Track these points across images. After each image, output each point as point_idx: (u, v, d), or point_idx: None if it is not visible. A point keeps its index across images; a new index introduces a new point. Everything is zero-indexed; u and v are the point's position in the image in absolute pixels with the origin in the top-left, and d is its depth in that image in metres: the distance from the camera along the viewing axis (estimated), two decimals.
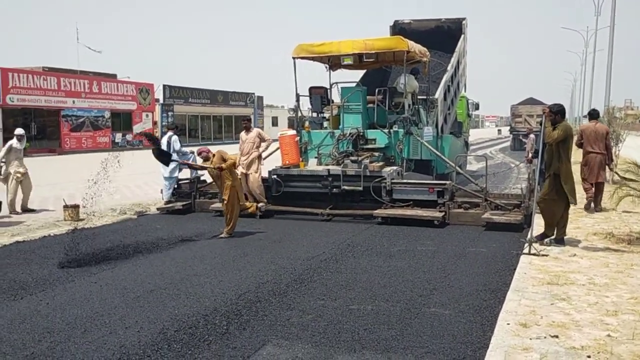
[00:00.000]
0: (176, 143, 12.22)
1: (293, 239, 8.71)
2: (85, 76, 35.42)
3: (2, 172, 11.13)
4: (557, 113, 7.68)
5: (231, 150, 10.06)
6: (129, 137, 37.75)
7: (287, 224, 9.99)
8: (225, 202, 8.92)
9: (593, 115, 11.34)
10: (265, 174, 11.13)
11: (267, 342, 4.53)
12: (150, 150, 9.59)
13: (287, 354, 4.29)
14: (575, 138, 9.48)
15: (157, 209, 11.50)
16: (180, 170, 12.31)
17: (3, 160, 11.14)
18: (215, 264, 7.09)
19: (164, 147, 11.72)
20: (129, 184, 15.60)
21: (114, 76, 38.44)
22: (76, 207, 10.42)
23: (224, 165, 8.82)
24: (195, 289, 5.95)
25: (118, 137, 37.40)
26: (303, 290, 5.91)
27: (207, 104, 46.43)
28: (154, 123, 40.46)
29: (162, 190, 12.06)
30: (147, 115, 39.63)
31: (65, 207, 10.39)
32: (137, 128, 38.21)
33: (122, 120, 37.12)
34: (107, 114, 36.32)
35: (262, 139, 11.11)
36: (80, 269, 6.87)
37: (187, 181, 12.22)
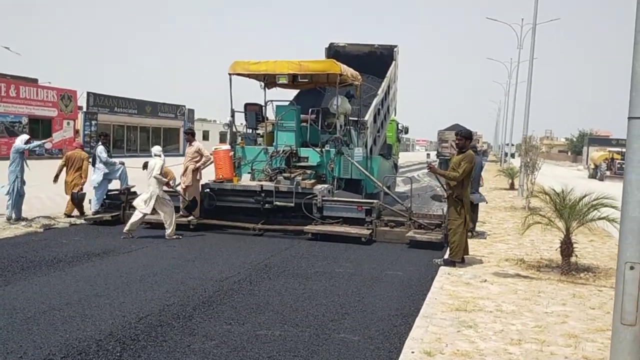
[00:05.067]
0: (102, 154, 11.89)
1: (208, 257, 8.41)
2: (2, 79, 33.50)
3: None
4: (465, 138, 8.19)
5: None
6: (47, 145, 35.93)
7: (205, 242, 9.70)
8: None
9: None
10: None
11: None
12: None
13: None
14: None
15: (85, 219, 11.31)
16: (110, 181, 12.07)
17: None
18: (119, 283, 6.68)
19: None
20: (39, 194, 14.72)
21: (34, 80, 36.56)
22: None
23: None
24: (93, 311, 5.55)
25: None
26: (210, 314, 5.64)
27: (134, 114, 45.01)
28: (76, 131, 38.75)
29: (90, 201, 11.86)
30: (68, 123, 37.87)
31: None
32: (57, 135, 36.45)
33: (41, 127, 35.23)
34: (25, 120, 34.42)
35: (201, 155, 11.06)
36: None
37: (117, 192, 11.95)
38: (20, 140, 11.39)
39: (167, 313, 5.60)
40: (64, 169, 12.03)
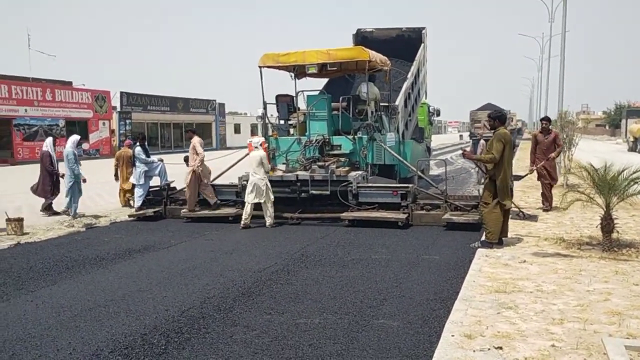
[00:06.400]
0: (140, 155, 12.27)
1: (245, 249, 8.53)
2: (38, 83, 34.40)
3: None
4: (495, 119, 8.16)
5: None
6: (85, 145, 36.75)
7: (241, 234, 9.84)
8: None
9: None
10: (234, 180, 11.70)
11: None
12: None
13: None
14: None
15: (129, 215, 11.72)
16: (150, 178, 12.43)
17: None
18: (161, 278, 6.84)
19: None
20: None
21: (69, 83, 37.45)
22: (20, 220, 9.99)
23: None
24: (137, 306, 5.71)
25: None
26: (250, 305, 5.73)
27: (166, 111, 45.66)
28: (112, 131, 39.59)
29: (132, 198, 12.31)
30: (103, 124, 38.72)
31: (8, 220, 9.94)
32: (93, 137, 37.31)
33: (77, 129, 36.03)
34: (62, 123, 35.32)
35: (195, 152, 11.50)
36: (17, 287, 6.53)
37: (158, 188, 12.42)
38: (72, 143, 11.99)
39: (209, 305, 5.71)
40: (118, 167, 13.27)
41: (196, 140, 11.62)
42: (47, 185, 12.19)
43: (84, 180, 11.96)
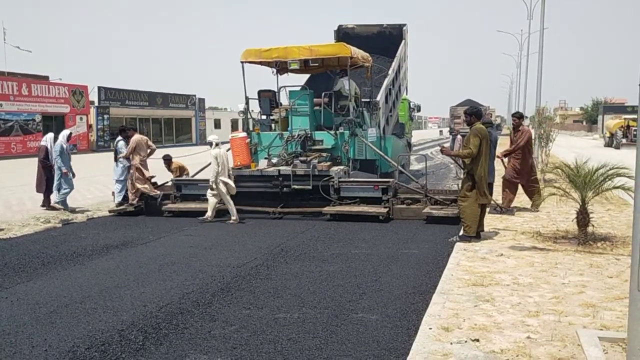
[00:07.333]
0: (123, 149, 12.11)
1: (225, 244, 8.49)
2: (14, 78, 33.77)
3: None
4: (471, 114, 8.29)
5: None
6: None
7: (221, 229, 9.79)
8: None
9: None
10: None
11: (185, 356, 4.31)
12: None
13: None
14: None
15: (109, 211, 11.66)
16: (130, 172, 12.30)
17: None
18: (138, 274, 6.77)
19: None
20: None
21: (45, 78, 36.81)
22: None
23: None
24: (114, 302, 5.65)
25: None
26: (229, 300, 5.71)
27: (145, 106, 45.18)
28: (89, 126, 39.05)
29: (113, 193, 12.11)
30: (81, 119, 38.13)
31: None
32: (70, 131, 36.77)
33: (54, 124, 35.50)
34: (38, 118, 34.73)
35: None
36: None
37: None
38: (63, 137, 11.90)
39: (187, 301, 5.68)
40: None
41: (134, 137, 11.74)
42: (42, 180, 12.01)
43: (73, 175, 11.86)
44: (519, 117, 11.24)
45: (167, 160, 12.77)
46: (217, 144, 10.32)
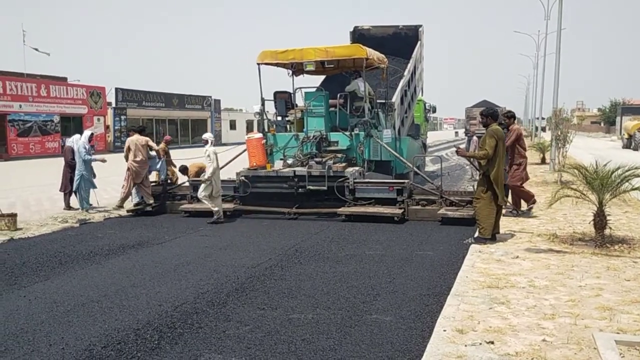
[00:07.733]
0: None
1: (240, 245, 8.53)
2: (33, 79, 34.22)
3: None
4: (487, 116, 8.23)
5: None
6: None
7: (236, 230, 9.84)
8: None
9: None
10: (233, 175, 11.74)
11: (199, 356, 4.34)
12: None
13: None
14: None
15: (127, 210, 11.76)
16: (150, 172, 12.46)
17: None
18: (154, 273, 6.84)
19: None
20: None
21: (63, 79, 37.26)
22: (13, 216, 9.97)
23: None
24: (130, 301, 5.71)
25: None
26: (243, 300, 5.74)
27: (161, 107, 45.53)
28: (106, 127, 39.45)
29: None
30: (98, 120, 38.57)
31: (1, 216, 9.91)
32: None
33: (72, 125, 35.93)
34: (57, 119, 35.16)
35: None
36: (10, 282, 6.52)
37: (155, 184, 12.45)
38: (85, 137, 12.03)
39: (202, 300, 5.71)
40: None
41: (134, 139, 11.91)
42: (67, 179, 12.15)
43: (94, 175, 12.06)
44: (509, 116, 10.60)
45: (183, 170, 13.25)
46: (211, 142, 10.62)
